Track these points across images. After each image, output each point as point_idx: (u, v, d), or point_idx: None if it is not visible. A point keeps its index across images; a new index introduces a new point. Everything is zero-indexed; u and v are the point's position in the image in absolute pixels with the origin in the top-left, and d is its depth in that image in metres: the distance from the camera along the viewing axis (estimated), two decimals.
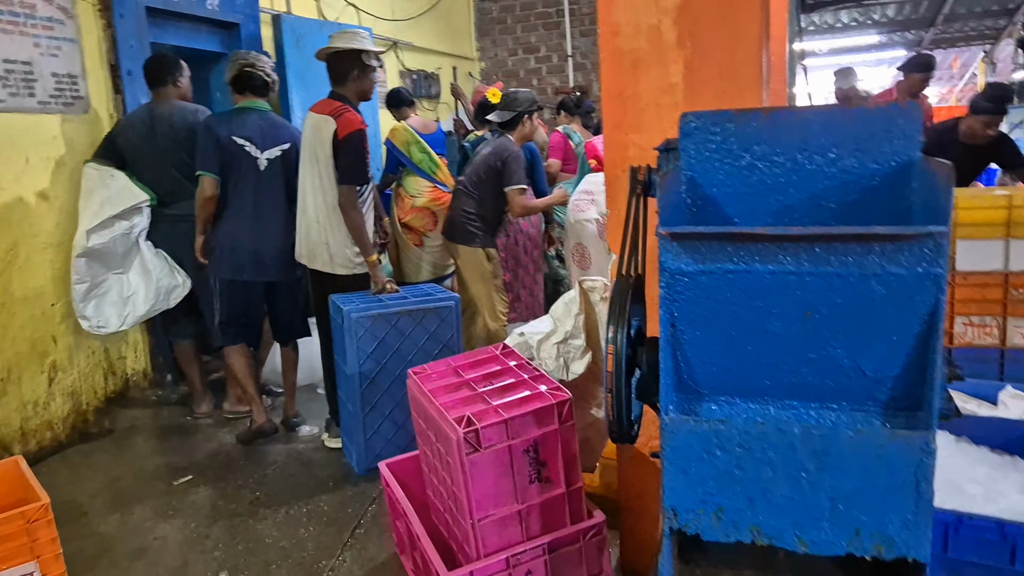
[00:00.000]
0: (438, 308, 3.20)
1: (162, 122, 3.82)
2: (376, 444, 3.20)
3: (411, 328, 3.16)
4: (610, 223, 2.26)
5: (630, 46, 2.16)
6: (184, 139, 3.82)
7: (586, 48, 8.52)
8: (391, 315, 3.13)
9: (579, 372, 2.39)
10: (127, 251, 3.83)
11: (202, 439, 3.79)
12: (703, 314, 1.56)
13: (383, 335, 3.12)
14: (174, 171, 3.87)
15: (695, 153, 1.78)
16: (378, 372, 3.14)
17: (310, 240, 3.46)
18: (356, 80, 3.43)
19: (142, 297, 3.85)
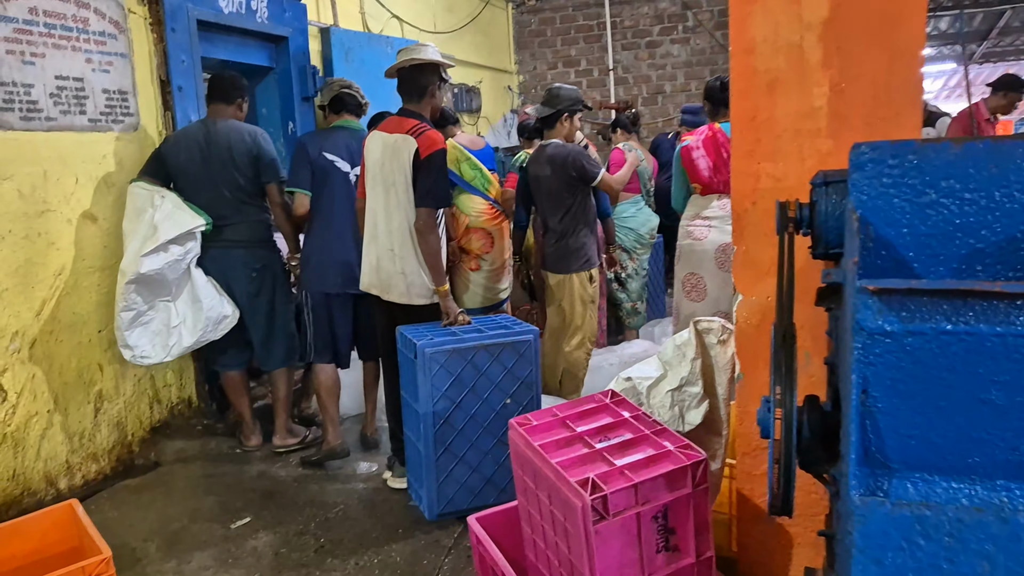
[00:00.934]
0: (516, 343, 2.98)
1: (218, 141, 3.65)
2: (448, 489, 2.98)
3: (488, 364, 2.94)
4: (739, 261, 2.05)
5: (766, 65, 1.95)
6: (240, 160, 3.66)
7: (628, 62, 8.33)
8: (467, 350, 2.91)
9: (696, 423, 2.16)
10: (178, 278, 3.61)
11: (255, 475, 3.58)
12: (905, 380, 1.34)
13: (458, 371, 2.91)
14: (227, 193, 3.68)
15: (868, 188, 1.56)
16: (452, 411, 2.93)
17: (382, 270, 3.23)
18: (433, 96, 3.25)
19: (189, 327, 3.62)
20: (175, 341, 3.60)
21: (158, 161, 3.69)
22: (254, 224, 3.76)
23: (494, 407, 2.99)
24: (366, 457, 3.72)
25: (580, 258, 3.99)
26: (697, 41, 8.06)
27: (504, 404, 2.99)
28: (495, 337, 2.96)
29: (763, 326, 2.03)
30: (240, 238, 3.70)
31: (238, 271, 3.71)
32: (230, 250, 3.70)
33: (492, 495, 3.04)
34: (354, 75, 5.20)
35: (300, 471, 3.61)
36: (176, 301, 3.64)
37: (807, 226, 1.72)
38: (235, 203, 3.69)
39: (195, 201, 3.65)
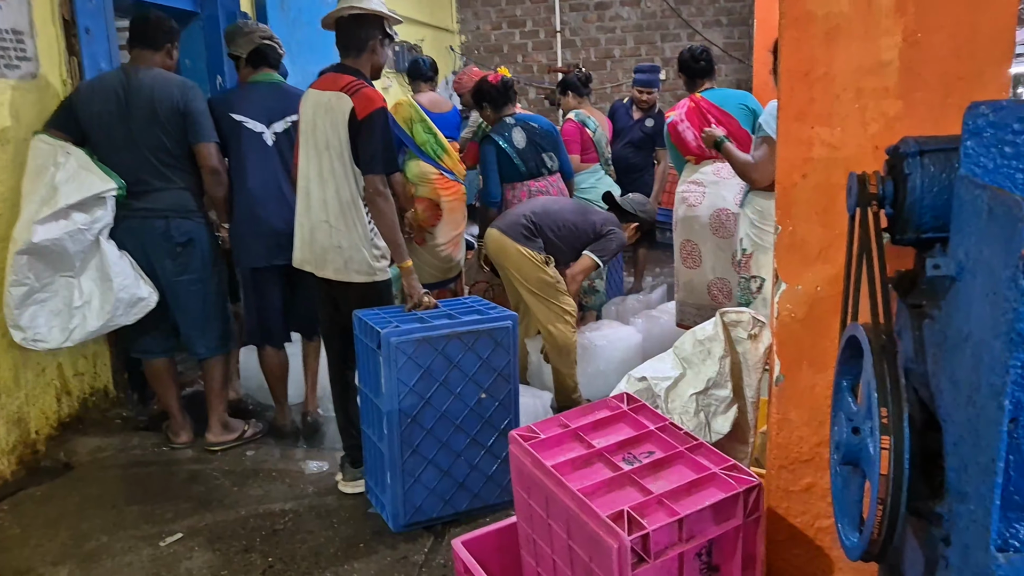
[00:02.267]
0: (493, 330, 2.63)
1: (140, 93, 3.13)
2: (416, 496, 2.62)
3: (461, 354, 2.59)
4: (783, 243, 1.74)
5: (826, 9, 1.62)
6: (165, 117, 3.16)
7: (576, 24, 7.95)
8: (438, 339, 2.55)
9: (724, 432, 1.87)
10: (84, 251, 3.07)
11: (187, 477, 3.14)
12: None
13: (428, 363, 2.54)
14: (149, 155, 3.18)
15: (986, 160, 1.26)
16: (421, 408, 2.57)
17: (316, 243, 2.86)
18: (374, 52, 2.86)
19: (96, 309, 3.10)
20: (77, 324, 3.09)
21: (67, 112, 3.16)
22: (179, 191, 3.26)
23: (468, 402, 2.64)
24: (314, 455, 3.32)
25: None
26: (648, 4, 7.74)
27: (479, 399, 2.64)
28: (469, 324, 2.60)
29: (809, 320, 1.74)
30: (162, 207, 3.21)
31: (159, 245, 3.22)
32: (149, 220, 3.20)
33: (464, 501, 2.71)
34: (290, 25, 4.70)
35: (239, 471, 3.18)
36: (80, 278, 3.11)
37: (891, 204, 1.42)
38: (157, 166, 3.19)
39: (110, 162, 3.14)
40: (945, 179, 1.36)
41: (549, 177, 4.03)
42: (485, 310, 2.73)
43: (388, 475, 2.60)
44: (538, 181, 4.00)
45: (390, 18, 2.87)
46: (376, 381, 2.59)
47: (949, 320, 1.28)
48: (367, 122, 2.67)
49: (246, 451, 3.38)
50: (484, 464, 2.69)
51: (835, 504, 1.45)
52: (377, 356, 2.54)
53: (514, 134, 3.96)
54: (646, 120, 5.53)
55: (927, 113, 1.61)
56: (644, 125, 5.52)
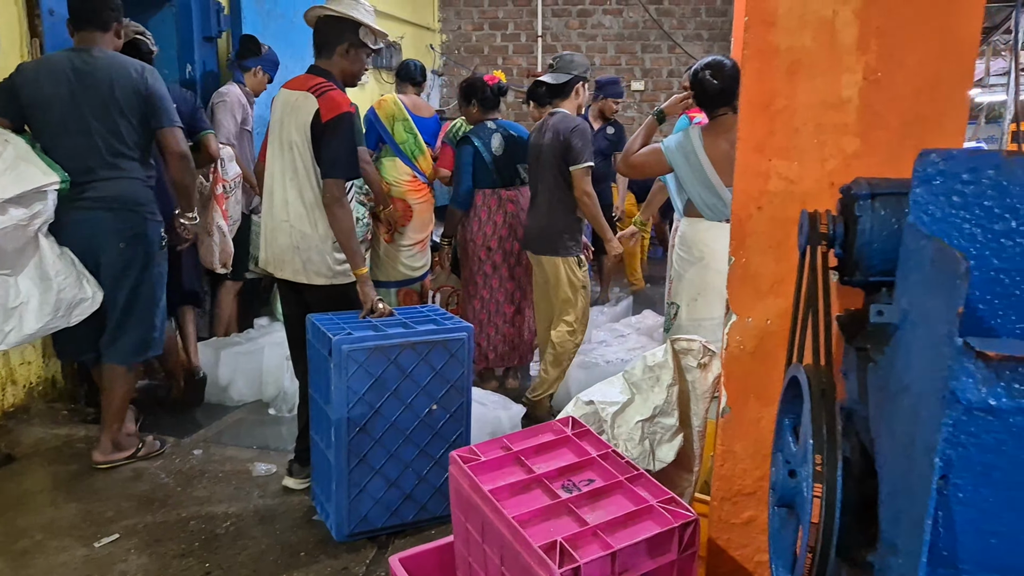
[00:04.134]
0: (448, 341, 2.59)
1: (95, 75, 2.92)
2: (362, 505, 2.58)
3: (414, 364, 2.54)
4: (735, 275, 1.72)
5: (789, 43, 1.61)
6: (125, 101, 2.96)
7: (557, 29, 7.94)
8: (392, 348, 2.50)
9: (668, 460, 1.85)
10: (21, 248, 2.83)
11: (130, 475, 3.07)
12: (1003, 468, 1.04)
13: (380, 372, 2.50)
14: (100, 142, 2.96)
15: (933, 208, 1.26)
16: (370, 417, 2.52)
17: (277, 244, 2.80)
18: (345, 57, 2.78)
19: (34, 310, 2.86)
20: (13, 326, 2.84)
21: (8, 95, 2.92)
22: (130, 182, 3.04)
23: (418, 413, 2.60)
24: (264, 456, 3.26)
25: (566, 242, 3.62)
26: (630, 14, 7.75)
27: (430, 410, 2.60)
28: (424, 334, 2.56)
29: (759, 353, 1.72)
30: (110, 197, 2.99)
31: (105, 240, 3.00)
32: (95, 212, 2.98)
33: (411, 512, 2.67)
34: (266, 17, 4.63)
35: (185, 470, 3.12)
36: (18, 276, 2.85)
37: (841, 245, 1.41)
38: (108, 154, 2.98)
39: (55, 149, 2.92)
40: (895, 224, 1.35)
41: (521, 188, 3.98)
42: (441, 320, 2.69)
43: (334, 483, 2.56)
44: (509, 190, 3.96)
45: (369, 27, 2.78)
46: (327, 388, 2.54)
47: (891, 368, 1.27)
48: (330, 125, 2.62)
49: (193, 450, 3.31)
50: (433, 476, 2.65)
51: (771, 544, 1.44)
52: (328, 363, 2.49)
53: (493, 139, 3.92)
54: (607, 128, 5.56)
55: (885, 152, 1.61)
56: (607, 133, 5.55)
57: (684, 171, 2.81)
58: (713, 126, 2.87)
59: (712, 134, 2.82)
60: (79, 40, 3.01)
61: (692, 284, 2.80)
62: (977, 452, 1.04)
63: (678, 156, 2.82)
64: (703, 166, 2.76)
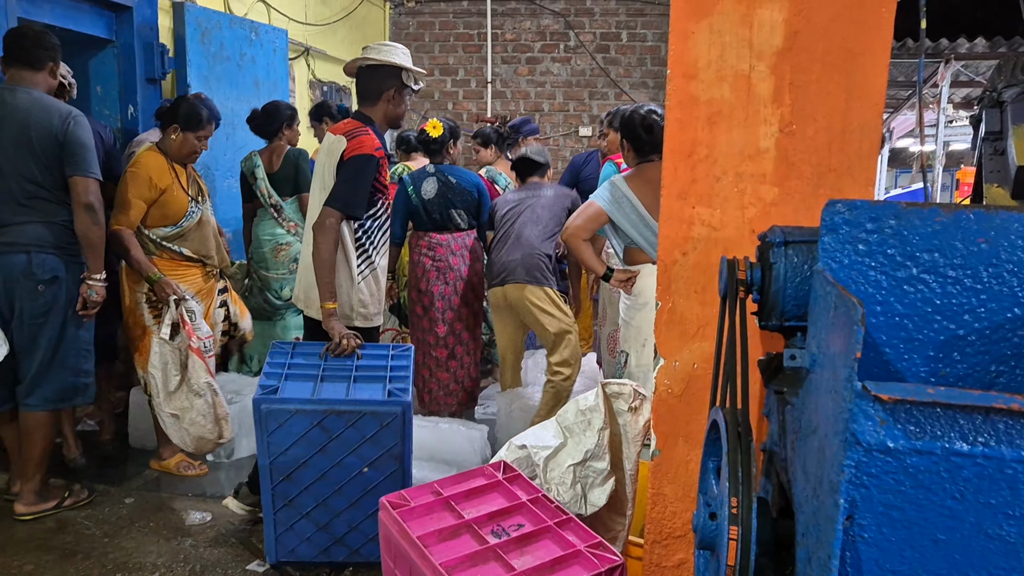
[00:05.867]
0: (378, 413, 2.47)
1: (15, 117, 2.84)
2: (289, 541, 2.54)
3: (342, 429, 2.48)
4: (662, 319, 1.76)
5: (709, 95, 1.67)
6: (40, 144, 2.85)
7: (507, 76, 8.07)
8: (315, 413, 2.45)
9: (600, 504, 1.86)
10: None
11: (54, 526, 2.96)
12: (903, 507, 1.07)
13: (303, 432, 2.45)
14: (14, 184, 2.85)
15: (841, 255, 1.32)
16: (296, 469, 2.48)
17: (305, 282, 2.89)
18: (390, 101, 2.91)
19: None
20: None
21: None
22: (47, 226, 2.92)
23: (349, 472, 2.53)
24: (198, 504, 3.17)
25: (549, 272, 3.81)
26: (578, 62, 7.93)
27: (361, 471, 2.54)
28: (352, 403, 2.47)
29: (686, 396, 1.75)
30: (24, 241, 2.87)
31: (21, 284, 2.87)
32: (9, 256, 2.86)
33: (343, 554, 2.61)
34: (212, 59, 4.63)
35: (114, 520, 3.01)
36: None
37: (758, 291, 1.45)
38: (24, 197, 2.87)
39: None
40: (807, 270, 1.40)
41: (455, 233, 3.95)
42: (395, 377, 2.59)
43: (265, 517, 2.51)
44: (442, 234, 3.94)
45: (410, 70, 2.91)
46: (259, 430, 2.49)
47: (803, 410, 1.30)
48: (348, 163, 2.76)
49: (125, 498, 3.21)
50: (367, 526, 2.59)
51: None
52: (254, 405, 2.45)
53: (425, 184, 3.94)
54: None
55: (801, 201, 1.67)
56: None
57: (621, 218, 2.89)
58: (638, 172, 2.97)
59: (638, 180, 2.92)
60: (8, 78, 2.94)
61: (639, 330, 2.84)
62: (878, 492, 1.07)
63: (613, 206, 2.90)
64: (638, 210, 2.84)
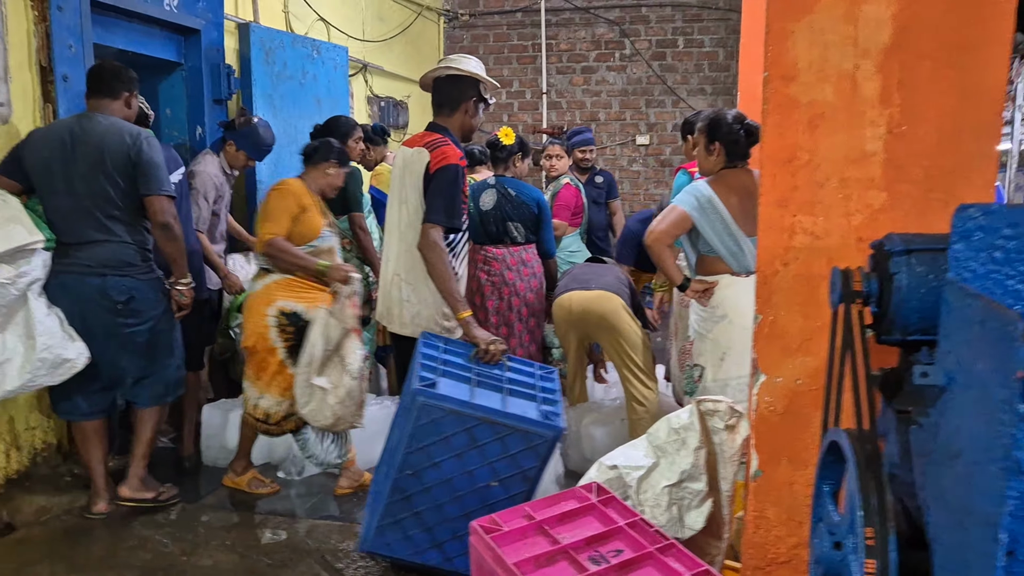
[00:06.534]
0: (530, 433, 2.41)
1: (87, 141, 2.96)
2: (390, 535, 2.51)
3: (488, 439, 2.42)
4: (762, 333, 1.67)
5: (810, 96, 1.59)
6: (113, 166, 2.97)
7: (562, 86, 8.03)
8: (469, 418, 2.38)
9: (698, 527, 1.78)
10: (7, 305, 2.84)
11: (134, 543, 2.97)
12: None
13: (449, 433, 2.40)
14: (89, 205, 2.98)
15: (974, 264, 1.21)
16: (426, 468, 2.43)
17: (389, 296, 2.92)
18: (466, 113, 2.93)
19: (17, 367, 2.86)
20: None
21: (14, 158, 3.01)
22: (119, 246, 3.04)
23: (476, 482, 2.48)
24: (271, 523, 3.16)
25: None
26: (634, 70, 7.85)
27: (488, 484, 2.48)
28: (511, 418, 2.39)
29: (789, 414, 1.67)
30: (99, 263, 3.00)
31: (95, 304, 3.01)
32: (85, 278, 2.99)
33: (436, 559, 2.57)
34: (275, 78, 4.69)
35: (190, 539, 3.02)
36: (4, 333, 2.86)
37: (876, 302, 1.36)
38: (99, 218, 2.99)
39: (50, 212, 2.99)
40: (933, 280, 1.31)
41: (511, 247, 3.84)
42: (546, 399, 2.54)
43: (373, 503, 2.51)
44: (498, 248, 3.83)
45: (487, 82, 2.93)
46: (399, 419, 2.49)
47: (937, 431, 1.21)
48: (436, 175, 2.75)
49: (200, 515, 3.22)
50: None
51: None
52: (408, 396, 2.42)
53: (484, 195, 3.87)
54: (596, 177, 5.58)
55: (911, 206, 1.57)
56: (596, 183, 5.56)
57: (705, 225, 2.82)
58: (722, 179, 2.89)
59: (723, 186, 2.85)
60: (89, 107, 3.10)
61: (717, 343, 2.75)
62: None
63: (699, 212, 2.83)
64: (723, 217, 2.77)
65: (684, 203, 2.88)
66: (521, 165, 4.06)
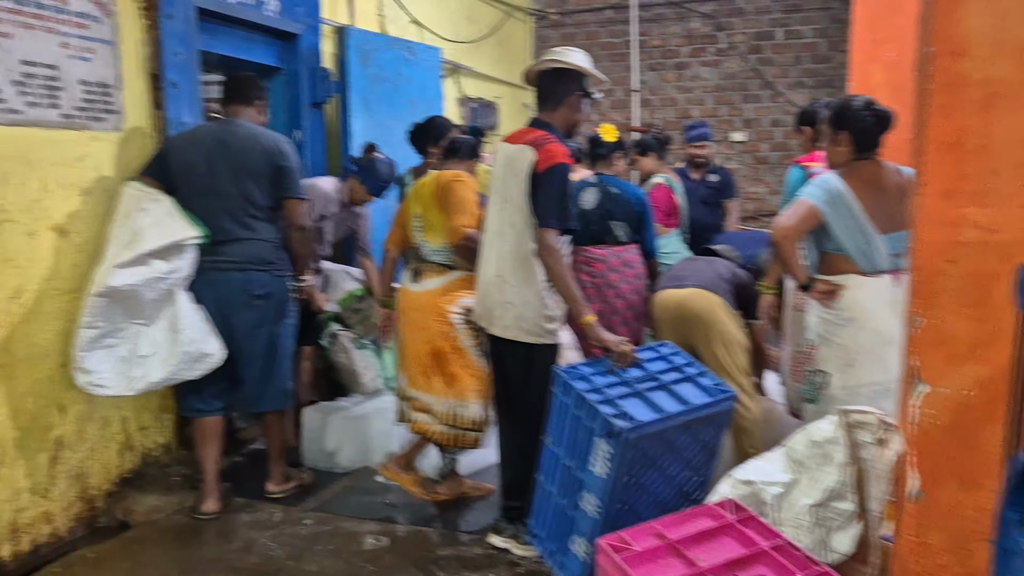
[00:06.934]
0: (717, 414, 2.41)
1: (233, 144, 3.16)
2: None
3: (679, 438, 2.37)
4: (924, 339, 1.50)
5: (984, 73, 1.42)
6: (258, 169, 3.17)
7: (654, 83, 7.83)
8: (669, 431, 2.32)
9: (846, 552, 1.62)
10: (158, 300, 3.01)
11: (241, 547, 2.98)
12: None
13: (651, 452, 2.33)
14: (235, 206, 3.17)
15: None
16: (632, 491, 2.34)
17: (488, 298, 2.85)
18: (570, 108, 2.82)
19: (162, 360, 3.01)
20: (142, 374, 3.00)
21: (160, 160, 3.19)
22: (260, 244, 3.23)
23: (674, 481, 2.45)
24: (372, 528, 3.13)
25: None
26: (729, 65, 7.58)
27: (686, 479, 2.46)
28: (700, 409, 2.36)
29: (956, 428, 1.49)
30: (242, 259, 3.18)
31: (237, 299, 3.18)
32: (228, 274, 3.16)
33: None
34: (371, 81, 4.70)
35: (296, 543, 3.02)
36: (152, 327, 3.03)
37: None
38: (242, 217, 3.18)
39: (195, 212, 3.13)
40: None
41: (614, 247, 3.68)
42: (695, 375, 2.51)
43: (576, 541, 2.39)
44: (600, 248, 3.67)
45: (593, 76, 2.81)
46: (578, 450, 2.41)
47: None
48: (545, 175, 2.65)
49: (303, 519, 3.21)
50: None
51: None
52: (592, 435, 2.33)
53: (585, 194, 3.74)
54: (709, 176, 5.35)
55: None
56: (708, 181, 5.34)
57: (835, 221, 2.63)
58: (852, 171, 2.69)
59: (855, 179, 2.65)
60: (225, 114, 3.32)
61: (845, 348, 2.56)
62: None
63: (829, 207, 2.64)
64: (854, 213, 2.57)
65: (813, 196, 2.69)
66: (620, 163, 3.94)
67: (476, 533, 3.07)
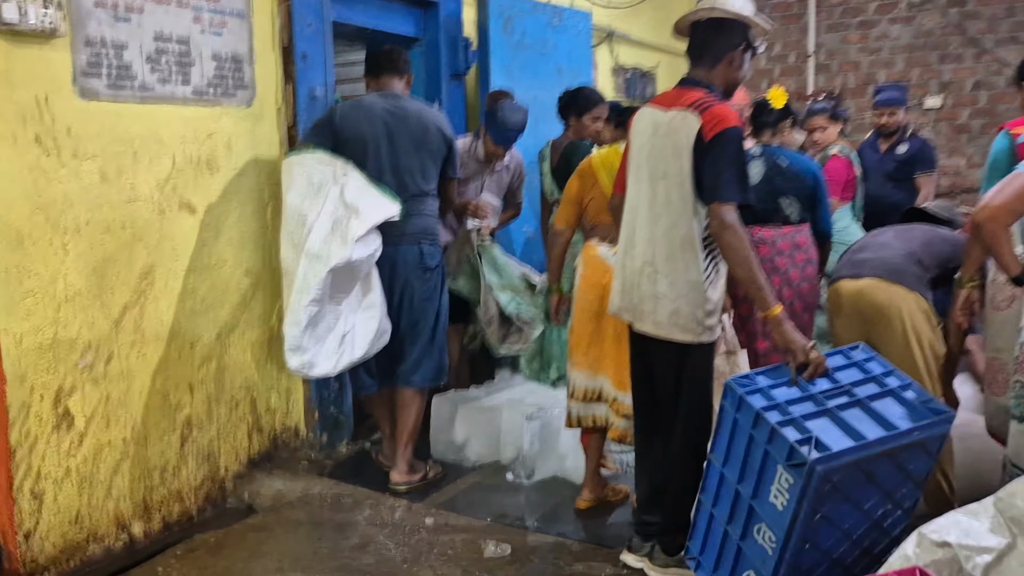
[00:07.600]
0: (929, 439, 2.03)
1: (409, 119, 3.15)
2: None
3: (880, 467, 2.01)
4: None
5: None
6: (435, 146, 3.22)
7: (833, 46, 7.03)
8: (869, 460, 1.96)
9: None
10: (363, 278, 3.02)
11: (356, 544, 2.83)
12: None
13: (845, 484, 1.99)
14: (409, 181, 3.17)
15: None
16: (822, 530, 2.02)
17: (634, 290, 2.46)
18: (732, 64, 2.41)
19: (360, 336, 3.01)
20: (344, 351, 2.99)
21: (328, 130, 3.09)
22: (429, 218, 3.28)
23: (872, 516, 2.09)
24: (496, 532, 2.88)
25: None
26: (924, 20, 6.65)
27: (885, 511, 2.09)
28: (908, 435, 1.99)
29: None
30: (416, 232, 3.19)
31: (412, 272, 3.20)
32: (404, 247, 3.16)
33: None
34: (514, 49, 4.43)
35: (413, 544, 2.83)
36: (352, 303, 3.03)
37: None
38: (415, 192, 3.18)
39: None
40: None
41: (783, 227, 3.18)
42: (897, 388, 2.12)
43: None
44: (766, 228, 3.15)
45: (757, 25, 2.41)
46: (750, 474, 2.09)
47: None
48: (715, 142, 2.25)
49: (425, 517, 3.02)
50: None
51: None
52: (764, 454, 2.03)
53: (751, 167, 3.22)
54: (898, 147, 4.64)
55: None
56: (896, 154, 4.64)
57: None
58: None
59: None
60: (378, 86, 3.26)
61: None
62: None
63: None
64: None
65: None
66: (790, 134, 3.42)
67: (608, 547, 2.76)
